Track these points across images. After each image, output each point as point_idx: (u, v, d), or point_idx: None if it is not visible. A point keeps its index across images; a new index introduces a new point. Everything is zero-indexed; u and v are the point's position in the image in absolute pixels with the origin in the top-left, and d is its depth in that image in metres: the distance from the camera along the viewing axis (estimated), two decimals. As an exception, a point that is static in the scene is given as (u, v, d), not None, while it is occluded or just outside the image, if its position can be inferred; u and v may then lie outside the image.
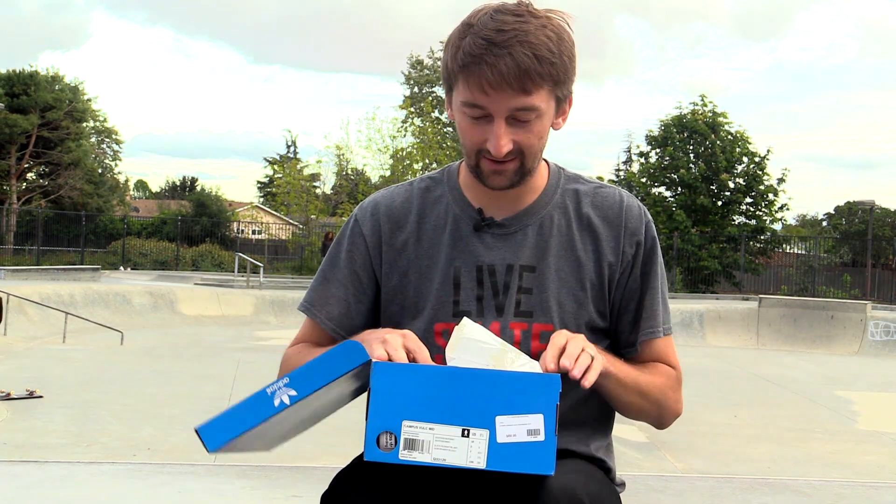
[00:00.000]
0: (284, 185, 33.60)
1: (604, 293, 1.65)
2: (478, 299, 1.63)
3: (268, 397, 1.32)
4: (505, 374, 1.31)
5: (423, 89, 42.25)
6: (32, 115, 35.99)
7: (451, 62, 1.54)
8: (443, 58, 1.62)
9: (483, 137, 1.53)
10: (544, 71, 1.49)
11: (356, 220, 1.73)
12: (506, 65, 1.46)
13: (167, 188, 73.70)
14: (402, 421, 1.27)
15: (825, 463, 6.51)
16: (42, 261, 29.62)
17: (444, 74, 1.60)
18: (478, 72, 1.48)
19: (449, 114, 1.65)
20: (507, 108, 1.50)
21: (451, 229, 1.66)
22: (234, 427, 1.31)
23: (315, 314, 1.72)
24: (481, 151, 1.55)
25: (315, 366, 1.33)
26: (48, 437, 6.22)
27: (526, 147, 1.54)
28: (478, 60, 1.48)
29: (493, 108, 1.50)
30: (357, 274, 1.70)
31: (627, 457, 6.13)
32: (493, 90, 1.48)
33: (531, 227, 1.64)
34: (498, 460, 1.25)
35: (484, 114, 1.52)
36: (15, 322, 13.24)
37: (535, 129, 1.54)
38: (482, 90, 1.49)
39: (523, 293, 1.62)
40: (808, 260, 31.47)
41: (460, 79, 1.53)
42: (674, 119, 31.16)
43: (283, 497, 4.55)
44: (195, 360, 11.20)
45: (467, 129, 1.56)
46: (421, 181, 1.74)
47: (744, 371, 12.41)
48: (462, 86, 1.53)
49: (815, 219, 57.28)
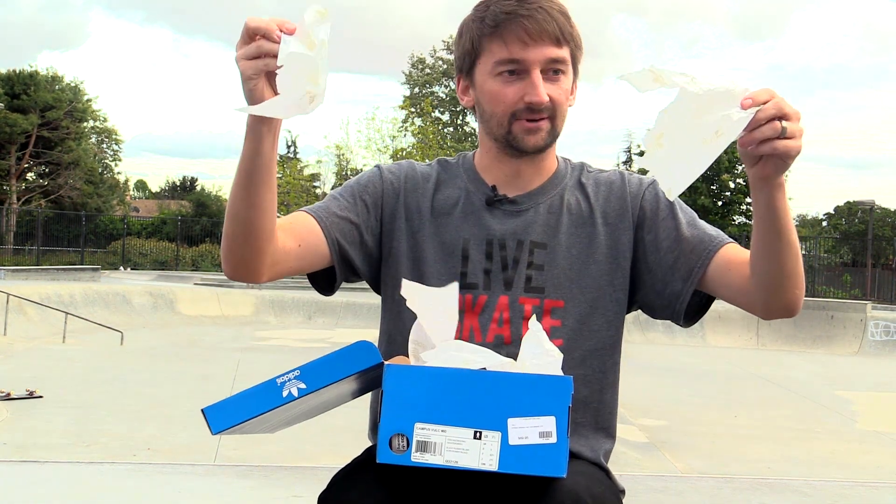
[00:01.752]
0: (284, 185, 33.59)
1: (619, 267, 1.65)
2: (485, 272, 1.64)
3: (277, 388, 1.33)
4: (517, 375, 1.30)
5: (423, 90, 42.26)
6: (32, 114, 36.02)
7: (478, 32, 1.60)
8: (458, 43, 1.66)
9: (519, 95, 1.57)
10: (568, 29, 1.59)
11: (378, 167, 1.74)
12: (541, 16, 1.56)
13: (167, 188, 73.72)
14: (414, 423, 1.27)
15: (825, 463, 6.51)
16: (42, 261, 29.63)
17: (465, 52, 1.64)
18: (515, 26, 1.56)
19: (466, 101, 1.68)
20: (544, 58, 1.57)
21: (464, 203, 1.68)
22: (241, 413, 1.34)
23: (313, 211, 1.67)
24: (515, 113, 1.58)
25: (327, 362, 1.34)
26: (48, 437, 6.22)
27: (558, 104, 1.60)
28: (513, 16, 1.56)
29: (531, 59, 1.56)
30: (365, 203, 1.68)
31: (627, 457, 6.13)
32: (531, 40, 1.56)
33: (543, 204, 1.67)
34: (510, 462, 1.25)
35: (520, 68, 1.57)
36: (15, 322, 13.24)
37: (564, 86, 1.61)
38: (521, 42, 1.56)
39: (535, 269, 1.63)
40: (808, 260, 31.45)
41: (493, 41, 1.58)
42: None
43: (283, 497, 4.55)
44: (195, 360, 11.20)
45: (500, 92, 1.59)
46: (438, 161, 1.78)
47: (744, 371, 12.41)
48: (496, 47, 1.58)
49: (816, 219, 57.28)
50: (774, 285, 1.48)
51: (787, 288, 1.48)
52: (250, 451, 5.58)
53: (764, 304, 1.52)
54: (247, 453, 5.56)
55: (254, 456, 5.50)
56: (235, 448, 5.65)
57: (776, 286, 1.48)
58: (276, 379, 1.34)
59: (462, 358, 1.35)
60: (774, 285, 1.48)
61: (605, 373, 1.68)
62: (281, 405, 1.33)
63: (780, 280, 1.47)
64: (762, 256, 1.46)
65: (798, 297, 1.49)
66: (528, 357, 1.35)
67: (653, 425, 7.61)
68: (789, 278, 1.46)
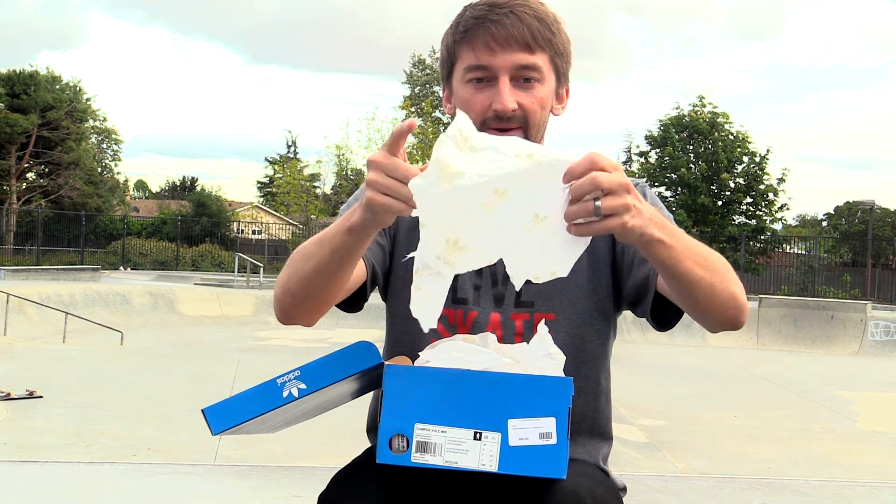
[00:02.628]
0: (284, 185, 33.60)
1: (610, 275, 1.64)
2: (475, 288, 1.62)
3: (277, 388, 1.33)
4: (517, 376, 1.30)
5: (423, 90, 42.26)
6: (33, 114, 36.00)
7: (451, 38, 1.57)
8: (440, 51, 1.63)
9: (487, 102, 1.53)
10: (545, 34, 1.53)
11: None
12: (510, 21, 1.50)
13: (167, 188, 73.72)
14: (414, 423, 1.27)
15: (825, 463, 6.51)
16: (42, 261, 29.63)
17: (443, 59, 1.62)
18: (482, 31, 1.51)
19: (448, 108, 1.65)
20: (511, 65, 1.52)
21: None
22: (241, 413, 1.34)
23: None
24: (486, 122, 1.53)
25: (328, 362, 1.34)
26: (48, 437, 6.22)
27: (530, 112, 1.54)
28: (482, 21, 1.52)
29: (498, 66, 1.52)
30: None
31: (627, 457, 6.12)
32: (498, 46, 1.51)
33: None
34: (510, 463, 1.25)
35: (488, 76, 1.53)
36: (15, 322, 13.24)
37: (538, 94, 1.55)
38: (488, 48, 1.51)
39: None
40: (808, 260, 31.47)
41: (463, 48, 1.55)
42: (672, 119, 31.17)
43: (283, 497, 4.55)
44: (195, 360, 11.20)
45: (470, 99, 1.55)
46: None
47: (744, 371, 12.40)
48: (465, 53, 1.55)
49: (815, 219, 57.28)
50: (699, 315, 1.43)
51: (713, 314, 1.41)
52: (250, 451, 5.58)
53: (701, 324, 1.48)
54: (247, 453, 5.56)
55: (254, 456, 5.50)
56: (235, 448, 5.65)
57: (701, 315, 1.42)
58: (276, 379, 1.34)
59: (462, 358, 1.35)
60: (699, 315, 1.43)
61: (599, 381, 1.68)
62: (281, 405, 1.33)
63: (701, 312, 1.41)
64: (674, 297, 1.44)
65: (733, 315, 1.41)
66: (530, 358, 1.35)
67: (653, 425, 7.61)
68: (710, 308, 1.39)
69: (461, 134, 1.19)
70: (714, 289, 1.36)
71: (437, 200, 1.18)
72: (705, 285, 1.35)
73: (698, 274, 1.33)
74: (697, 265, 1.33)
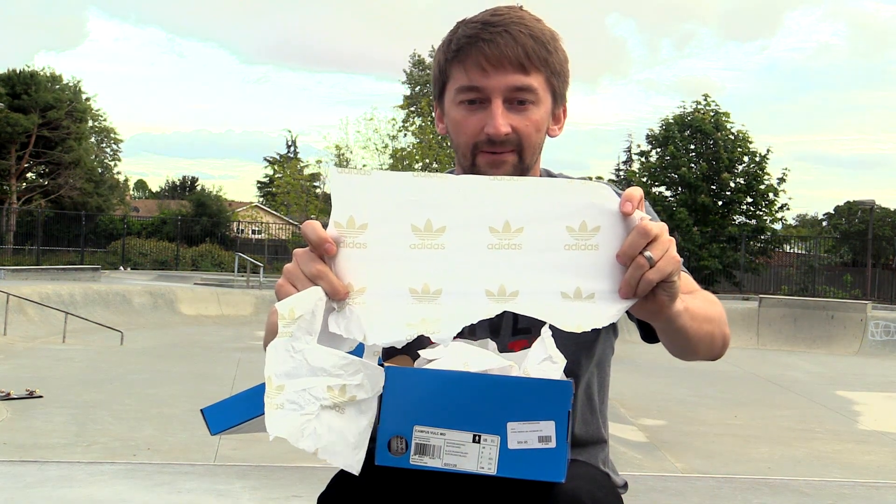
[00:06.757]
0: (284, 185, 33.63)
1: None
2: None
3: None
4: (517, 379, 1.29)
5: (423, 89, 42.26)
6: (33, 114, 36.00)
7: (444, 56, 1.52)
8: (432, 68, 1.58)
9: (480, 125, 1.47)
10: (541, 53, 1.46)
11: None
12: (504, 41, 1.44)
13: (167, 188, 73.73)
14: (413, 426, 1.26)
15: (825, 463, 6.51)
16: (42, 261, 29.63)
17: (435, 77, 1.56)
18: (475, 51, 1.45)
19: (440, 128, 1.61)
20: (505, 87, 1.46)
21: None
22: (239, 414, 1.34)
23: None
24: (478, 145, 1.49)
25: None
26: (48, 437, 6.22)
27: (524, 136, 1.48)
28: (474, 40, 1.45)
29: (491, 88, 1.46)
30: None
31: (627, 457, 6.12)
32: (491, 67, 1.45)
33: None
34: (509, 467, 1.24)
35: (481, 97, 1.47)
36: (15, 322, 13.25)
37: (533, 116, 1.49)
38: (480, 68, 1.45)
39: None
40: (808, 260, 31.46)
41: (455, 67, 1.49)
42: (676, 118, 31.15)
43: (283, 497, 4.55)
44: (195, 360, 11.20)
45: (462, 121, 1.50)
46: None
47: (744, 371, 12.40)
48: (457, 73, 1.49)
49: (815, 219, 57.28)
50: (689, 357, 1.44)
51: (704, 357, 1.44)
52: (250, 451, 5.58)
53: (683, 360, 1.49)
54: (247, 453, 5.56)
55: (254, 456, 5.50)
56: (235, 448, 5.65)
57: (691, 357, 1.44)
58: None
59: (463, 361, 1.34)
60: (689, 357, 1.44)
61: (596, 397, 1.67)
62: None
63: (694, 356, 1.43)
64: (667, 344, 1.42)
65: (720, 353, 1.45)
66: (530, 361, 1.35)
67: (653, 425, 7.60)
68: (707, 353, 1.42)
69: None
70: (713, 336, 1.41)
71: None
72: (707, 337, 1.38)
73: (705, 329, 1.37)
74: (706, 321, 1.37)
